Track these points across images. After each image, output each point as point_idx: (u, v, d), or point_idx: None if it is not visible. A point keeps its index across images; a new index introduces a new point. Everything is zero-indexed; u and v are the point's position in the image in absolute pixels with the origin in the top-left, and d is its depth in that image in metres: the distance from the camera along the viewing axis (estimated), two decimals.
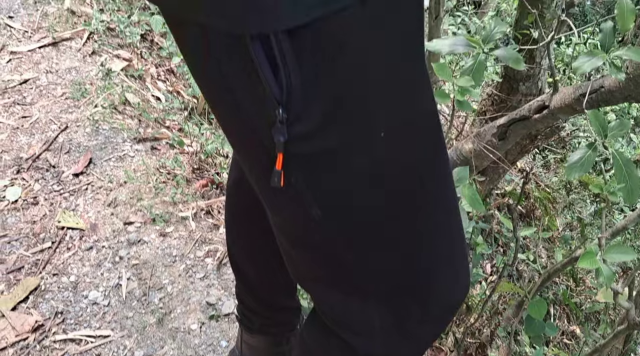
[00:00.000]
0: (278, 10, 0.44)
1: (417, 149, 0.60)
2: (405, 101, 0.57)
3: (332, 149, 0.54)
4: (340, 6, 0.45)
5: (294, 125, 0.51)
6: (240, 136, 0.60)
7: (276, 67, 0.47)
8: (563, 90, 1.86)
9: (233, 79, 0.51)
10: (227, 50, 0.49)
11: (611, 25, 1.58)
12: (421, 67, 0.59)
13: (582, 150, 1.48)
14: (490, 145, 2.03)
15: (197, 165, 1.70)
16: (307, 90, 0.49)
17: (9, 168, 1.75)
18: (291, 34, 0.46)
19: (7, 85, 2.03)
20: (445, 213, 0.67)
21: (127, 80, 2.10)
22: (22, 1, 2.36)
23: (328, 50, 0.48)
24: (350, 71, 0.50)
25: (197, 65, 0.56)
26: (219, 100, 0.58)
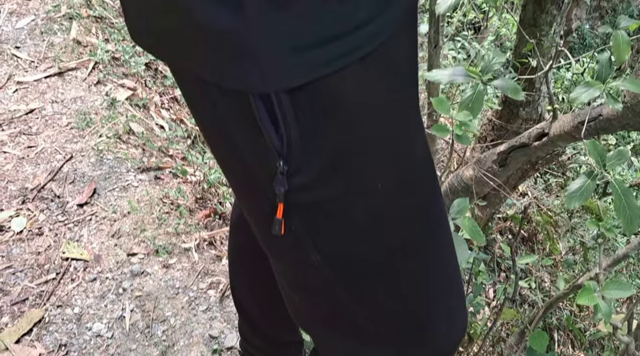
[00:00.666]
0: (279, 72, 0.46)
1: (413, 196, 0.62)
2: (401, 151, 0.59)
3: (331, 199, 0.56)
4: (339, 66, 0.47)
5: (294, 176, 0.53)
6: (242, 184, 0.62)
7: (277, 121, 0.49)
8: (562, 118, 1.88)
9: (235, 131, 0.54)
10: (230, 105, 0.51)
11: (607, 56, 1.60)
12: (416, 116, 0.62)
13: (581, 179, 1.49)
14: (490, 172, 2.04)
15: (200, 194, 1.72)
16: (306, 143, 0.51)
17: (15, 198, 1.77)
18: (291, 92, 0.48)
19: (14, 115, 2.06)
20: (441, 254, 0.69)
21: (131, 109, 2.12)
22: (29, 31, 2.40)
23: (326, 106, 0.50)
24: (348, 125, 0.52)
25: (200, 116, 0.59)
26: (222, 150, 0.60)
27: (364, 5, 0.47)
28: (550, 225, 2.41)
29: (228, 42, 0.46)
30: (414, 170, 0.61)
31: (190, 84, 0.56)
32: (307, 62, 0.46)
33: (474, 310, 1.48)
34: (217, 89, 0.51)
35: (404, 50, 0.57)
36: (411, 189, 0.61)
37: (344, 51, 0.47)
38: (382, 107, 0.54)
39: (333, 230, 0.59)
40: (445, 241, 0.69)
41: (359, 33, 0.48)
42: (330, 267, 0.61)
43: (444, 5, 1.66)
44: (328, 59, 0.47)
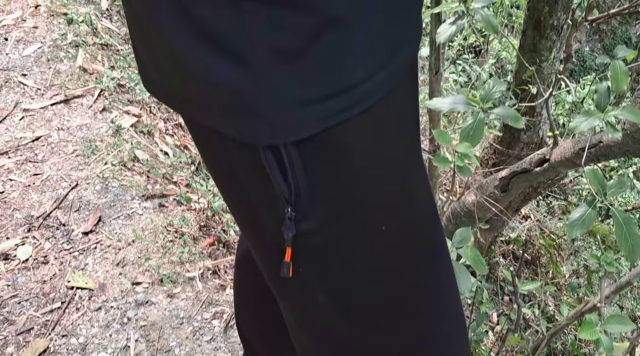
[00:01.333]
0: (286, 125, 0.49)
1: (416, 236, 0.64)
2: (404, 196, 0.61)
3: (337, 243, 0.58)
4: (343, 118, 0.50)
5: (301, 222, 0.55)
6: (251, 228, 0.65)
7: (285, 170, 0.52)
8: (563, 144, 1.90)
9: (245, 178, 0.56)
10: (240, 154, 0.54)
11: (606, 85, 1.62)
12: (418, 158, 0.64)
13: (582, 208, 1.50)
14: (492, 197, 2.05)
15: (204, 222, 1.74)
16: (313, 191, 0.53)
17: (21, 226, 1.79)
18: (298, 144, 0.50)
19: (20, 142, 2.08)
20: (444, 289, 0.71)
21: (136, 136, 2.15)
22: (36, 59, 2.44)
23: (332, 155, 0.52)
24: (353, 173, 0.54)
25: (210, 162, 0.62)
26: (231, 194, 0.63)
27: (364, 64, 0.49)
28: (553, 248, 2.41)
29: (236, 98, 0.48)
30: (416, 212, 0.64)
31: (201, 132, 0.58)
32: (311, 116, 0.49)
33: (477, 338, 1.48)
34: (227, 139, 0.53)
35: (404, 101, 0.59)
36: (414, 230, 0.63)
37: (346, 105, 0.50)
38: (385, 155, 0.57)
39: (340, 272, 0.61)
40: (447, 275, 0.71)
41: (360, 89, 0.50)
42: (337, 308, 0.63)
43: (444, 34, 1.68)
44: (331, 113, 0.49)
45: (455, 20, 1.70)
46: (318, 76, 0.48)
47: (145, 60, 0.58)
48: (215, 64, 0.47)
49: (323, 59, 0.47)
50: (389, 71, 0.52)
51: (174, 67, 0.52)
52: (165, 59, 0.52)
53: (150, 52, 0.55)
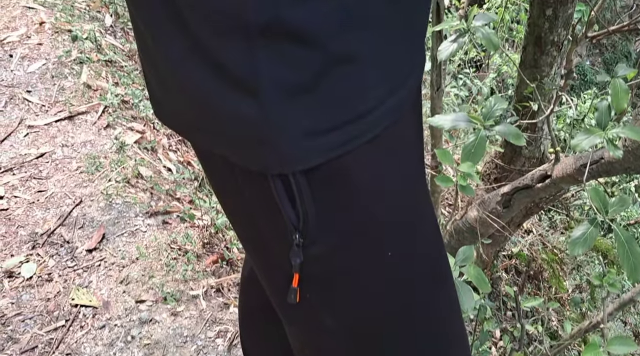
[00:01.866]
0: (295, 155, 0.50)
1: (421, 261, 0.65)
2: (410, 221, 0.63)
3: (344, 269, 0.59)
4: (350, 148, 0.51)
5: (309, 248, 0.56)
6: (258, 253, 0.66)
7: (293, 198, 0.53)
8: (564, 160, 1.91)
9: (254, 205, 0.57)
10: (249, 182, 0.55)
11: (606, 104, 1.63)
12: (422, 182, 0.66)
13: (584, 226, 1.51)
14: (495, 213, 2.06)
15: (207, 239, 1.74)
16: (321, 218, 0.54)
17: (25, 243, 1.80)
18: (307, 172, 0.51)
19: (25, 159, 2.09)
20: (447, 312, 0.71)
21: (140, 152, 2.16)
22: (40, 76, 2.46)
23: (339, 183, 0.54)
24: (360, 200, 0.55)
25: (219, 189, 0.63)
26: (239, 220, 0.64)
27: (371, 96, 0.51)
28: (555, 263, 2.41)
29: (247, 128, 0.49)
30: (421, 237, 0.65)
31: (211, 160, 0.60)
32: (319, 146, 0.50)
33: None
34: (237, 167, 0.55)
35: (409, 127, 0.61)
36: (419, 255, 0.64)
37: (353, 135, 0.51)
38: (391, 181, 0.58)
39: (346, 297, 0.62)
40: (451, 300, 0.72)
41: (367, 119, 0.51)
42: (344, 331, 0.64)
43: (445, 52, 1.70)
44: (338, 143, 0.51)
45: (457, 38, 1.72)
46: (326, 109, 0.49)
47: (156, 88, 0.59)
48: (226, 95, 0.48)
49: (331, 93, 0.49)
50: (394, 101, 0.54)
51: (185, 97, 0.53)
52: (177, 89, 0.54)
53: (162, 82, 0.57)
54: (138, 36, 0.57)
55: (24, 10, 2.86)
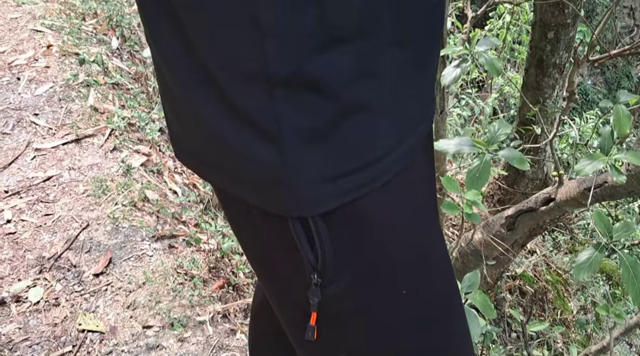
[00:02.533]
0: (313, 199, 0.52)
1: (435, 298, 0.67)
2: (424, 258, 0.65)
3: (361, 307, 0.61)
4: (364, 192, 0.54)
5: (327, 288, 0.58)
6: (276, 290, 0.68)
7: (312, 239, 0.55)
8: (568, 184, 1.92)
9: (273, 246, 0.60)
10: (268, 223, 0.57)
11: (609, 129, 1.65)
12: (435, 219, 0.67)
13: (589, 251, 1.52)
14: (499, 236, 2.07)
15: (214, 264, 1.75)
16: (339, 259, 0.56)
17: (32, 268, 1.81)
18: (324, 215, 0.54)
19: (32, 182, 2.11)
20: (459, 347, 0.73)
21: (146, 175, 2.18)
22: (48, 98, 2.49)
23: (355, 225, 0.56)
24: (376, 241, 0.58)
25: (238, 229, 0.66)
26: (258, 258, 0.67)
27: (385, 142, 0.54)
28: (560, 284, 2.41)
29: (267, 172, 0.51)
30: (435, 274, 0.67)
31: (230, 201, 0.62)
32: (336, 190, 0.52)
33: None
34: (256, 209, 0.57)
35: (421, 170, 0.64)
36: (433, 292, 0.66)
37: (368, 180, 0.54)
38: (406, 222, 0.61)
39: (363, 334, 0.63)
40: (463, 334, 0.74)
41: (381, 164, 0.54)
42: None
43: (449, 77, 1.72)
44: (354, 187, 0.53)
45: (460, 63, 1.74)
46: (339, 156, 0.51)
47: (176, 130, 0.61)
48: (246, 140, 0.51)
49: (343, 141, 0.51)
50: (404, 149, 0.56)
51: (206, 140, 0.55)
52: (198, 131, 0.56)
53: (182, 124, 0.59)
54: (159, 78, 0.59)
55: (31, 33, 2.90)
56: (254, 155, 0.51)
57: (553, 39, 2.35)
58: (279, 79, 0.46)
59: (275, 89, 0.47)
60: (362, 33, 0.48)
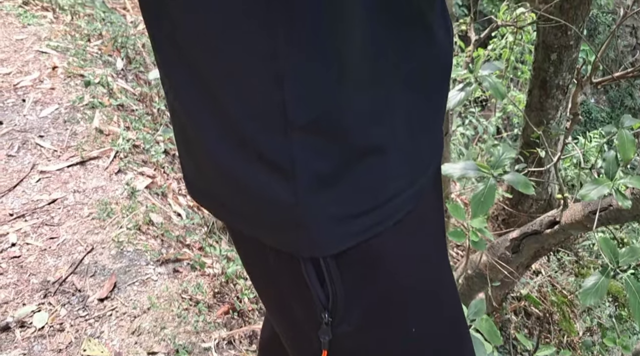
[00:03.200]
0: (326, 240, 0.53)
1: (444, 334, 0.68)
2: (434, 296, 0.66)
3: (373, 344, 0.61)
4: (375, 232, 0.54)
5: (337, 326, 0.58)
6: (288, 328, 0.69)
7: (323, 279, 0.56)
8: (573, 207, 1.92)
9: (284, 284, 0.60)
10: (280, 262, 0.58)
11: (613, 154, 1.65)
12: (444, 256, 0.68)
13: (595, 276, 1.52)
14: (504, 258, 2.06)
15: (218, 289, 1.75)
16: (349, 298, 0.57)
17: (37, 292, 1.81)
18: (336, 256, 0.54)
19: (37, 205, 2.12)
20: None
21: (150, 197, 2.18)
22: (53, 120, 2.50)
23: (366, 264, 0.56)
24: (386, 280, 0.58)
25: (251, 267, 0.67)
26: (269, 296, 0.68)
27: (396, 183, 0.55)
28: (565, 305, 2.40)
29: (281, 213, 0.52)
30: (444, 312, 0.69)
31: (244, 239, 0.63)
32: (348, 231, 0.53)
33: None
34: (268, 248, 0.57)
35: (430, 207, 0.65)
36: (443, 324, 0.67)
37: (380, 220, 0.55)
38: (415, 261, 0.62)
39: None
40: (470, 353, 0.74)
41: (392, 204, 0.55)
42: None
43: (453, 100, 1.73)
44: (366, 228, 0.54)
45: (464, 87, 1.75)
46: (352, 197, 0.52)
47: (190, 170, 0.62)
48: (262, 182, 0.51)
49: (359, 182, 0.52)
50: (416, 189, 0.57)
51: (221, 181, 0.56)
52: (211, 171, 0.56)
53: (196, 163, 0.60)
54: (175, 121, 0.60)
55: (37, 54, 2.93)
56: (268, 196, 0.52)
57: (556, 60, 2.36)
58: (296, 125, 0.47)
59: (292, 133, 0.48)
60: (377, 80, 0.49)
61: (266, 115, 0.48)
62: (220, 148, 0.53)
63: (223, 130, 0.51)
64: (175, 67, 0.53)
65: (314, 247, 0.53)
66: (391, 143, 0.52)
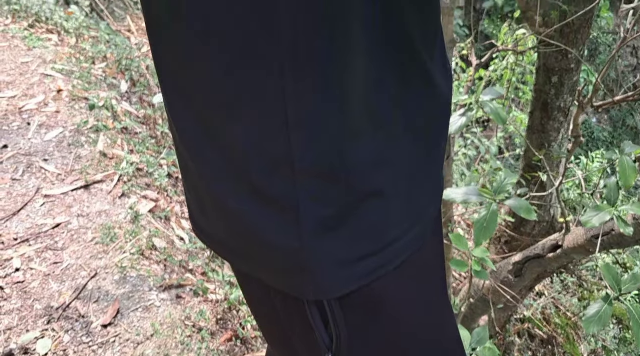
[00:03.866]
0: (330, 284, 0.54)
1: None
2: (435, 336, 0.67)
3: None
4: (380, 274, 0.56)
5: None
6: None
7: (327, 321, 0.57)
8: (575, 231, 1.92)
9: (289, 325, 0.62)
10: (286, 304, 0.59)
11: (615, 181, 1.66)
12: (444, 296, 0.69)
13: (598, 304, 1.51)
14: (506, 282, 2.06)
15: (221, 315, 1.75)
16: (352, 339, 0.58)
17: (40, 318, 1.81)
18: (340, 299, 0.56)
19: (41, 229, 2.13)
20: None
21: (153, 221, 2.19)
22: (57, 144, 2.52)
23: (369, 308, 0.58)
24: (389, 321, 0.60)
25: (256, 306, 0.67)
26: (274, 336, 0.69)
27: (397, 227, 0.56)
28: (569, 327, 2.39)
29: (287, 258, 0.53)
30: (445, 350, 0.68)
31: (249, 281, 0.64)
32: (351, 275, 0.54)
33: None
34: (274, 290, 0.59)
35: (431, 250, 0.65)
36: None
37: (381, 264, 0.56)
38: (416, 302, 0.63)
39: None
40: None
41: (393, 248, 0.56)
42: None
43: (455, 125, 1.74)
44: (368, 271, 0.55)
45: (465, 112, 1.76)
46: (354, 241, 0.53)
47: (195, 208, 0.63)
48: (267, 225, 0.52)
49: (362, 226, 0.53)
50: (416, 233, 0.58)
51: (226, 223, 0.57)
52: (217, 214, 0.57)
53: (201, 204, 0.61)
54: (181, 162, 0.61)
55: (42, 77, 2.96)
56: (273, 240, 0.53)
57: (557, 83, 2.38)
58: (301, 168, 0.48)
59: (297, 176, 0.49)
60: (380, 126, 0.51)
61: (272, 157, 0.49)
62: (225, 190, 0.54)
63: (228, 173, 0.53)
64: (181, 111, 0.55)
65: (319, 291, 0.54)
66: (391, 188, 0.54)
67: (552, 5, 2.21)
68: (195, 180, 0.59)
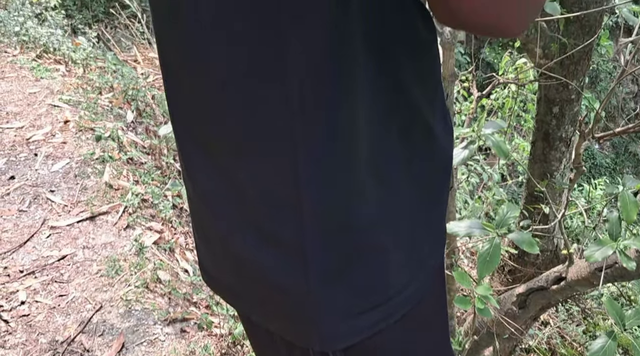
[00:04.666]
0: (334, 335, 0.56)
1: None
2: None
3: None
4: (383, 326, 0.57)
5: None
6: None
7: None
8: (578, 263, 1.92)
9: None
10: (292, 352, 0.61)
11: (617, 215, 1.66)
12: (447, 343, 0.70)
13: (602, 339, 1.51)
14: (510, 314, 2.06)
15: (225, 350, 1.76)
16: None
17: (45, 352, 1.81)
18: (344, 349, 0.57)
19: (47, 261, 2.14)
20: None
21: (158, 253, 2.21)
22: (64, 175, 2.55)
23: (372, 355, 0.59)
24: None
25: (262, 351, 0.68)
26: None
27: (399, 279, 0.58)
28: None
29: (294, 304, 0.55)
30: None
31: (256, 327, 0.66)
32: (354, 328, 0.56)
33: None
34: (280, 338, 0.61)
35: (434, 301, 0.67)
36: None
37: (383, 317, 0.57)
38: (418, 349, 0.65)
39: None
40: None
41: (396, 300, 0.58)
42: None
43: (457, 158, 1.76)
44: (372, 323, 0.57)
45: (468, 145, 1.78)
46: (359, 292, 0.55)
47: (204, 253, 0.65)
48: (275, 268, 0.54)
49: (363, 277, 0.55)
50: (416, 286, 0.60)
51: (233, 267, 0.59)
52: (225, 257, 0.59)
53: (210, 249, 0.62)
54: (190, 202, 0.63)
55: (49, 108, 3.00)
56: (281, 283, 0.54)
57: (558, 113, 2.40)
58: (309, 210, 0.50)
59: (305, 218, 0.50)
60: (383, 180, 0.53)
61: (281, 200, 0.51)
62: (234, 233, 0.56)
63: (238, 216, 0.54)
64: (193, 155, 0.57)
65: (324, 342, 0.56)
66: (392, 242, 0.55)
67: (551, 38, 2.24)
68: (205, 225, 0.61)
